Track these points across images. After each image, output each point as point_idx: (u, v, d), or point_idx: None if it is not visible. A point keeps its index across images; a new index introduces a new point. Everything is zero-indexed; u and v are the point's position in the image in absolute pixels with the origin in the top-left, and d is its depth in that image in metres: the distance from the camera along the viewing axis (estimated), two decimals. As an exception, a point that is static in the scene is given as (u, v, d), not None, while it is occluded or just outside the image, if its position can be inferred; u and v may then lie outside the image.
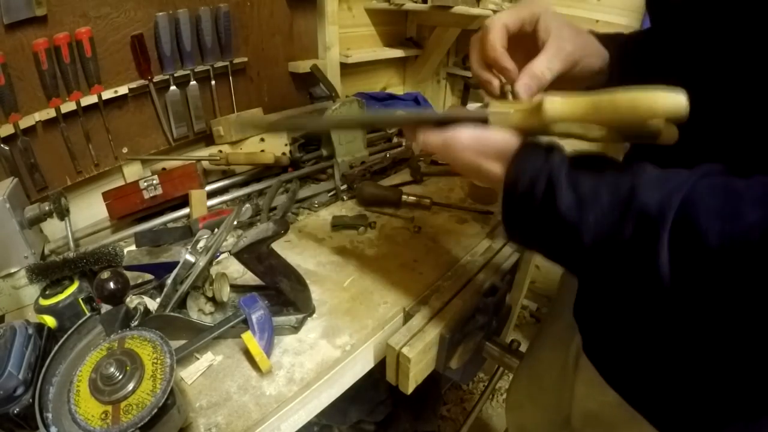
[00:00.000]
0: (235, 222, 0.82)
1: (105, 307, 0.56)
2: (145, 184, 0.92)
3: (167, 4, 0.97)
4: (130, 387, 0.43)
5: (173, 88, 1.04)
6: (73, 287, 0.62)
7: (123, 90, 0.95)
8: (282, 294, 0.63)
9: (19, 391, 0.47)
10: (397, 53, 1.59)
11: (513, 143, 0.41)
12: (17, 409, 0.46)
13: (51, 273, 0.62)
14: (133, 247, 0.83)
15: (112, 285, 0.54)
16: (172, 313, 0.61)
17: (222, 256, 0.80)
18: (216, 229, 0.69)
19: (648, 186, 0.33)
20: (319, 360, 0.61)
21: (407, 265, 0.79)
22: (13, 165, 0.85)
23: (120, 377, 0.43)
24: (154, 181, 0.93)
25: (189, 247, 0.65)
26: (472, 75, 0.50)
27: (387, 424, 1.19)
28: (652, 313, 0.46)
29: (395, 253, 0.82)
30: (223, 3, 1.04)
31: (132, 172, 1.04)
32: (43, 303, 0.60)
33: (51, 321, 0.59)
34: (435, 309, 0.69)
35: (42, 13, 0.80)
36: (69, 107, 0.89)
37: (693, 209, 0.31)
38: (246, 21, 1.14)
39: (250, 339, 0.56)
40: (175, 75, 1.02)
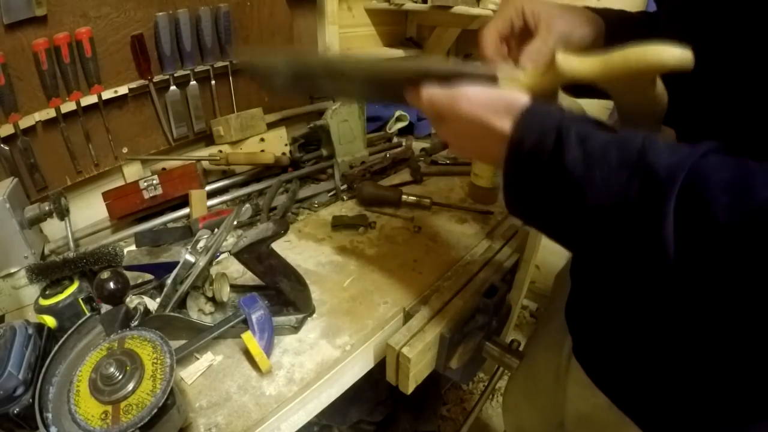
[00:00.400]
0: (235, 222, 0.82)
1: (105, 307, 0.56)
2: (145, 184, 0.93)
3: (167, 4, 0.96)
4: (130, 387, 0.43)
5: (173, 88, 1.04)
6: (73, 287, 0.62)
7: (123, 90, 0.95)
8: (282, 294, 0.63)
9: (19, 391, 0.47)
10: (397, 53, 1.58)
11: (523, 100, 0.40)
12: (17, 409, 0.46)
13: (51, 273, 0.62)
14: (133, 247, 0.83)
15: (112, 285, 0.54)
16: (172, 313, 0.61)
17: (222, 256, 0.80)
18: (216, 229, 0.69)
19: (659, 149, 0.32)
20: (319, 360, 0.61)
21: (407, 265, 0.79)
22: (13, 165, 0.85)
23: (120, 377, 0.43)
24: (154, 181, 0.93)
25: (189, 247, 0.65)
26: None
27: (387, 424, 1.19)
28: (651, 297, 0.45)
29: (395, 253, 0.82)
30: (223, 3, 1.04)
31: (132, 172, 1.04)
32: (43, 303, 0.60)
33: (51, 321, 0.59)
34: (435, 309, 0.69)
35: (42, 13, 0.80)
36: (69, 107, 0.89)
37: (703, 179, 0.30)
38: (246, 21, 1.14)
39: (250, 339, 0.56)
40: (175, 75, 1.02)
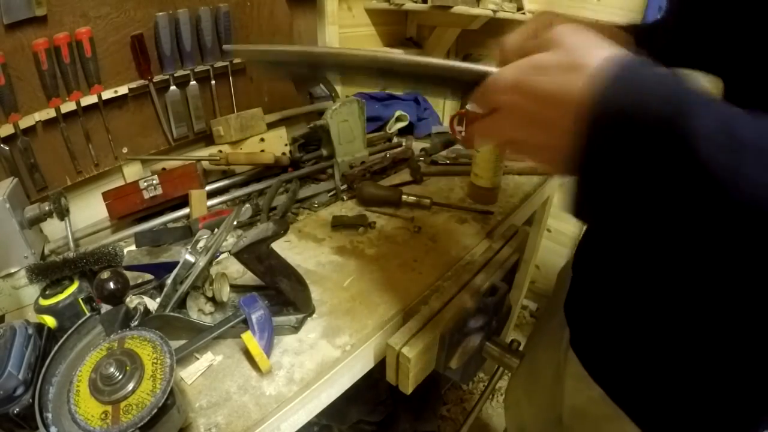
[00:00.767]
0: (235, 222, 0.82)
1: (105, 307, 0.56)
2: (145, 184, 0.92)
3: (167, 4, 0.97)
4: (129, 387, 0.43)
5: (173, 88, 1.04)
6: (73, 287, 0.62)
7: (123, 90, 0.95)
8: (282, 294, 0.63)
9: (19, 391, 0.47)
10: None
11: (606, 52, 0.29)
12: (17, 409, 0.46)
13: (51, 273, 0.62)
14: (133, 247, 0.83)
15: (112, 285, 0.54)
16: (172, 313, 0.60)
17: (222, 256, 0.80)
18: (216, 229, 0.69)
19: None
20: (319, 360, 0.61)
21: (407, 265, 0.79)
22: (13, 165, 0.85)
23: (120, 377, 0.43)
24: (154, 181, 0.93)
25: (189, 247, 0.65)
26: None
27: (387, 424, 1.19)
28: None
29: (395, 253, 0.82)
30: (223, 3, 1.04)
31: (132, 172, 1.04)
32: (43, 303, 0.60)
33: (51, 321, 0.59)
34: (435, 309, 0.69)
35: (42, 13, 0.80)
36: (69, 107, 0.89)
37: None
38: (246, 21, 1.14)
39: (250, 339, 0.56)
40: (175, 75, 1.02)
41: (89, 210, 0.97)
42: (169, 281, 0.61)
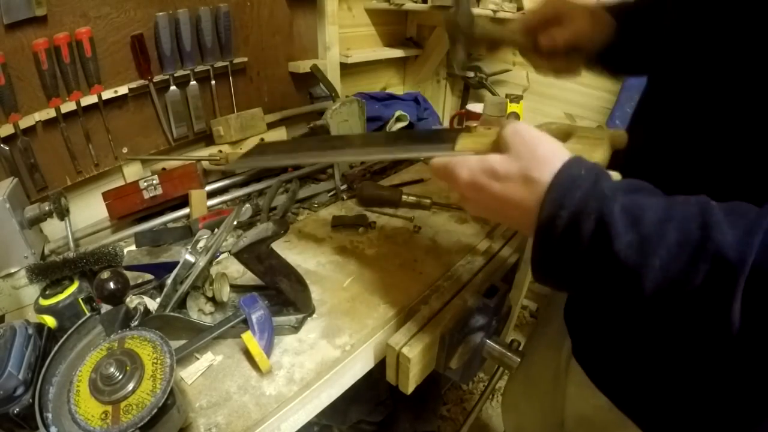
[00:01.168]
0: (235, 222, 0.82)
1: (105, 307, 0.56)
2: (145, 184, 0.92)
3: (167, 4, 0.97)
4: (130, 387, 0.43)
5: (173, 88, 1.04)
6: (73, 287, 0.62)
7: (123, 90, 0.95)
8: (282, 294, 0.63)
9: (19, 391, 0.47)
10: (397, 53, 1.59)
11: (560, 157, 0.36)
12: (17, 409, 0.46)
13: (51, 273, 0.62)
14: (133, 247, 0.83)
15: (112, 285, 0.54)
16: (172, 313, 0.60)
17: (222, 256, 0.80)
18: (216, 229, 0.69)
19: (720, 222, 0.29)
20: (319, 360, 0.61)
21: (407, 265, 0.79)
22: (13, 165, 0.85)
23: (120, 377, 0.43)
24: (154, 181, 0.93)
25: (189, 247, 0.65)
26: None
27: (387, 424, 1.19)
28: (704, 355, 0.44)
29: (395, 253, 0.82)
30: (223, 3, 1.04)
31: (132, 172, 1.04)
32: (43, 303, 0.60)
33: (51, 321, 0.59)
34: (435, 309, 0.69)
35: (42, 13, 0.80)
36: (69, 107, 0.89)
37: None
38: (246, 21, 1.14)
39: (250, 339, 0.56)
40: (175, 75, 1.02)
41: (89, 210, 0.97)
42: (169, 281, 0.61)
